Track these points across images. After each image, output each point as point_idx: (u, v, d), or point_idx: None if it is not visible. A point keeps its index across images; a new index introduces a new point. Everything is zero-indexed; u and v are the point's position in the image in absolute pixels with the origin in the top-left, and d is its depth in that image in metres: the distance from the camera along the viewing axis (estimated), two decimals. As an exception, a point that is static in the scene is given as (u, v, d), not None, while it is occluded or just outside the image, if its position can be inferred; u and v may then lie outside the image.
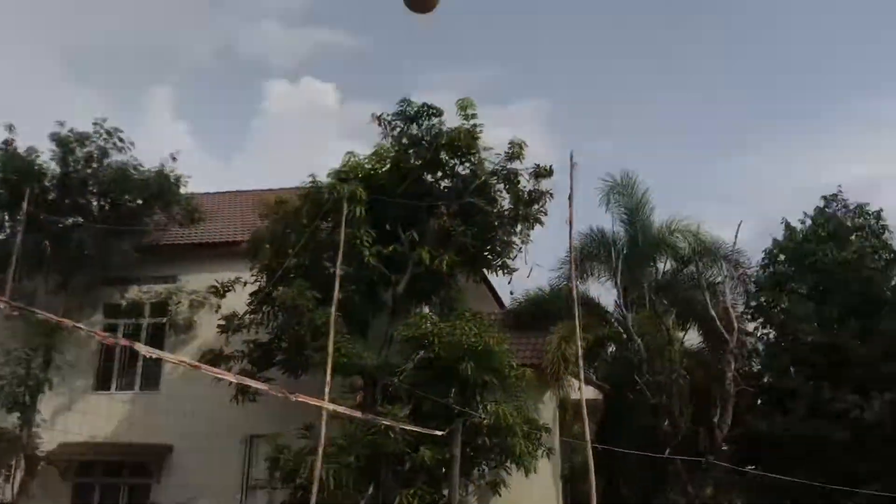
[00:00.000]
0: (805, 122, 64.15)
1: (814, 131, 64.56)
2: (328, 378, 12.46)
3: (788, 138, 66.07)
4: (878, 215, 18.58)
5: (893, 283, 17.51)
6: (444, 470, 13.55)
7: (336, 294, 13.22)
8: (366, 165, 15.33)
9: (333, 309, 13.09)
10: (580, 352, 14.67)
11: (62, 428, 16.64)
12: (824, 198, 18.79)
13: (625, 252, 19.53)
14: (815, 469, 15.42)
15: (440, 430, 13.29)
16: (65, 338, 15.96)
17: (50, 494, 16.46)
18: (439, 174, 15.92)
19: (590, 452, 13.94)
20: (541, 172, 16.14)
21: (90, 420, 16.69)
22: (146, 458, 16.91)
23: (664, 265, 20.63)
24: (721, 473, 13.44)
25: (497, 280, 19.34)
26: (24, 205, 15.96)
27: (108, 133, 17.70)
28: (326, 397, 12.43)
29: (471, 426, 13.70)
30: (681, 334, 18.30)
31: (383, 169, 15.48)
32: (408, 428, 13.00)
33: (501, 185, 16.25)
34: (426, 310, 15.93)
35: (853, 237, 18.08)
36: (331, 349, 12.74)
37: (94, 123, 17.64)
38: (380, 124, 15.67)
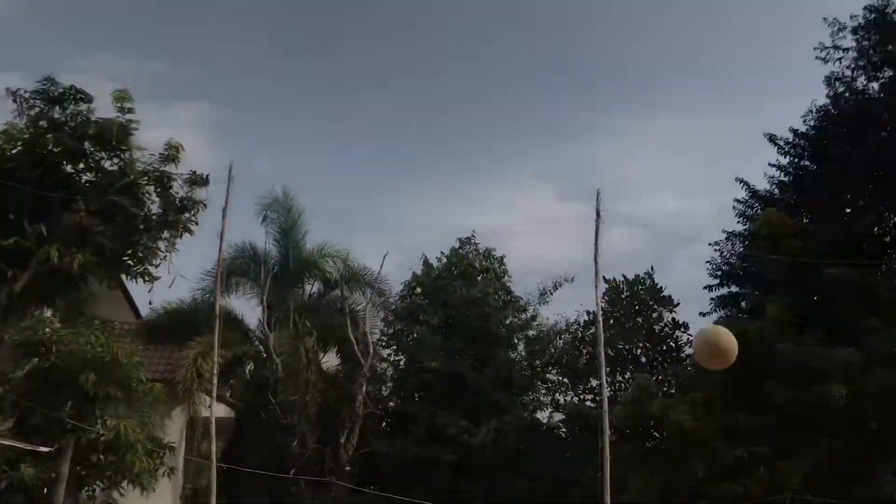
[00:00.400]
0: (455, 167, 70.02)
1: (459, 176, 70.70)
2: None
3: (441, 181, 71.47)
4: (501, 260, 20.87)
5: (507, 321, 19.73)
6: (45, 490, 12.29)
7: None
8: (-8, 144, 13.55)
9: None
10: (216, 368, 14.35)
11: None
12: (459, 239, 20.65)
13: (275, 271, 19.56)
14: (427, 488, 16.68)
15: (48, 445, 12.06)
16: None
17: None
18: (81, 166, 14.58)
19: (213, 472, 13.66)
20: (196, 180, 15.56)
21: None
22: None
23: (312, 287, 21.06)
24: (342, 493, 13.92)
25: (136, 288, 18.19)
26: None
27: None
28: None
29: (86, 442, 12.61)
30: (320, 356, 18.72)
31: (13, 150, 13.80)
32: (6, 443, 11.61)
33: (152, 188, 15.38)
34: (48, 313, 14.42)
35: (480, 278, 20.06)
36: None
37: None
38: (15, 101, 13.96)
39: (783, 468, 14.05)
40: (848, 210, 15.97)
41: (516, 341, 21.08)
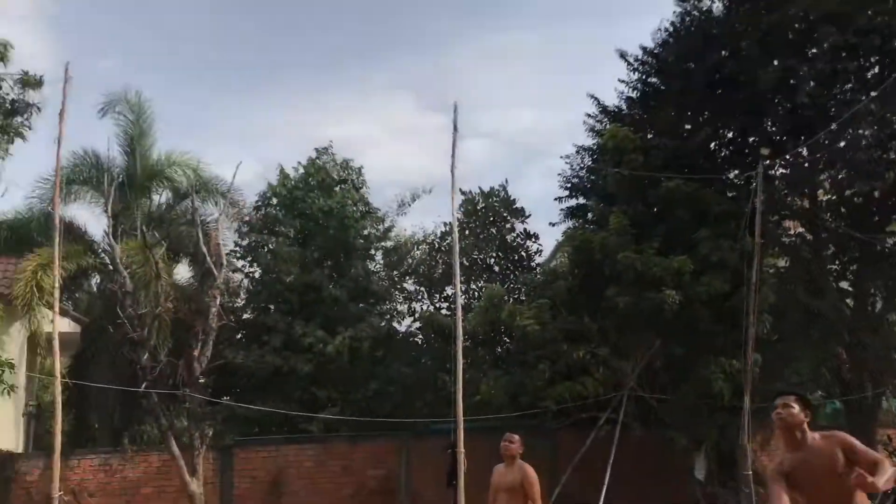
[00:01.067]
0: (313, 77, 68.09)
1: (318, 88, 68.92)
2: None
3: (298, 88, 69.46)
4: (359, 171, 20.74)
5: (365, 232, 19.79)
6: None
7: None
8: None
9: None
10: (58, 282, 13.67)
11: None
12: (317, 149, 20.30)
13: (120, 180, 18.63)
14: (282, 398, 16.86)
15: None
16: None
17: None
18: None
19: (58, 388, 13.17)
20: (29, 81, 14.52)
21: None
22: None
23: (160, 197, 20.26)
24: (196, 405, 13.83)
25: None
26: None
27: None
28: None
29: (-89, 362, 11.86)
30: (171, 268, 18.18)
31: None
32: None
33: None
34: None
35: (338, 189, 19.90)
36: None
37: None
38: None
39: (621, 368, 15.11)
40: (688, 126, 16.83)
41: (374, 252, 21.25)
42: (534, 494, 7.07)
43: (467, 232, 20.82)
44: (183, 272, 20.10)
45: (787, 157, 15.34)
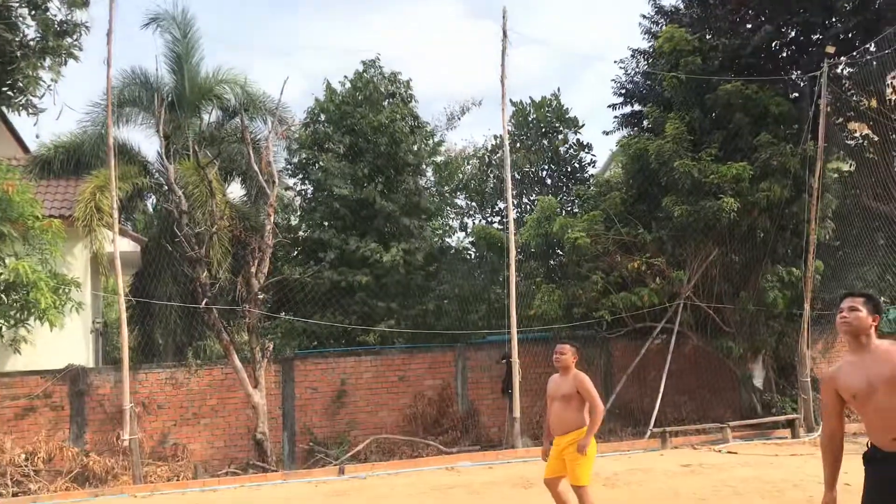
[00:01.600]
0: (356, -12, 66.75)
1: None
2: None
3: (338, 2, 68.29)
4: (407, 84, 20.39)
5: (414, 147, 19.61)
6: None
7: None
8: None
9: None
10: (116, 203, 13.95)
11: None
12: (363, 62, 19.97)
13: (170, 99, 18.67)
14: (339, 311, 17.14)
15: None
16: None
17: None
18: (-59, -14, 13.29)
19: (122, 305, 13.61)
20: (75, 1, 14.46)
21: None
22: None
23: (210, 116, 20.29)
24: (255, 319, 14.16)
25: (20, 121, 17.17)
26: None
27: None
28: None
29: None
30: (224, 187, 18.36)
31: None
32: None
33: (26, 11, 14.20)
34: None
35: (386, 103, 19.65)
36: None
37: None
38: None
39: (677, 277, 14.94)
40: (748, 25, 16.08)
41: (424, 167, 21.10)
42: (592, 398, 7.11)
43: (518, 144, 20.50)
44: (236, 190, 20.31)
45: (854, 54, 14.59)
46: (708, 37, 15.77)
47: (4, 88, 14.39)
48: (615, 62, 18.00)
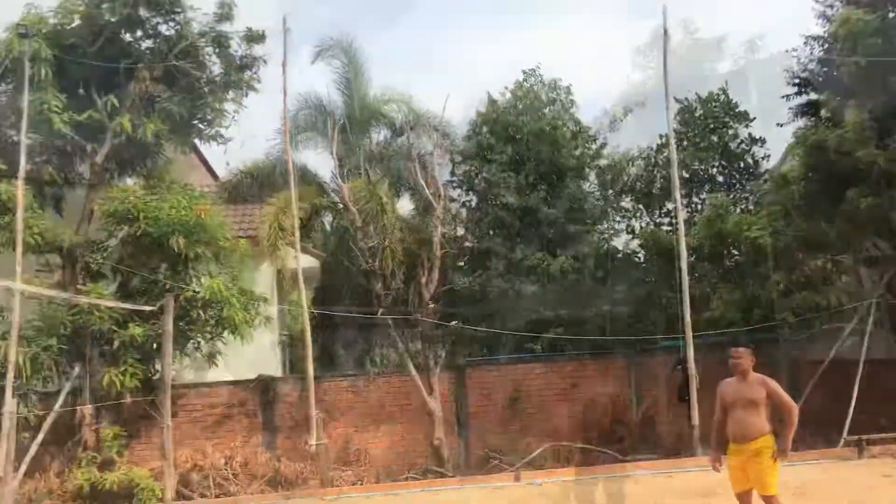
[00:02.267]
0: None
1: (518, 12, 68.03)
2: (18, 257, 11.54)
3: (496, 17, 69.02)
4: (568, 90, 20.37)
5: (577, 152, 19.49)
6: (155, 346, 13.31)
7: (23, 165, 12.06)
8: (51, 20, 13.70)
9: (20, 181, 11.94)
10: (297, 222, 14.84)
11: None
12: (524, 71, 20.13)
13: (341, 122, 19.64)
14: (508, 319, 17.29)
15: (150, 305, 12.96)
16: None
17: None
18: (139, 33, 14.67)
19: (306, 318, 14.43)
20: (253, 36, 15.52)
21: None
22: None
23: (378, 135, 21.15)
24: (427, 328, 14.58)
25: (210, 151, 18.67)
26: None
27: None
28: (18, 278, 11.55)
29: (184, 300, 13.47)
30: (394, 202, 19.04)
31: (72, 24, 13.93)
32: (113, 305, 12.51)
33: (210, 49, 15.41)
34: (130, 182, 15.02)
35: (546, 110, 19.69)
36: (20, 225, 11.73)
37: None
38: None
39: (867, 276, 13.93)
40: (937, -1, 14.76)
41: (587, 172, 20.92)
42: (785, 400, 6.84)
43: (685, 142, 19.86)
44: (405, 205, 20.99)
45: None
46: (890, 15, 14.62)
47: (195, 122, 15.64)
48: (787, 51, 17.04)
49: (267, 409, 15.27)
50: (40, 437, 12.74)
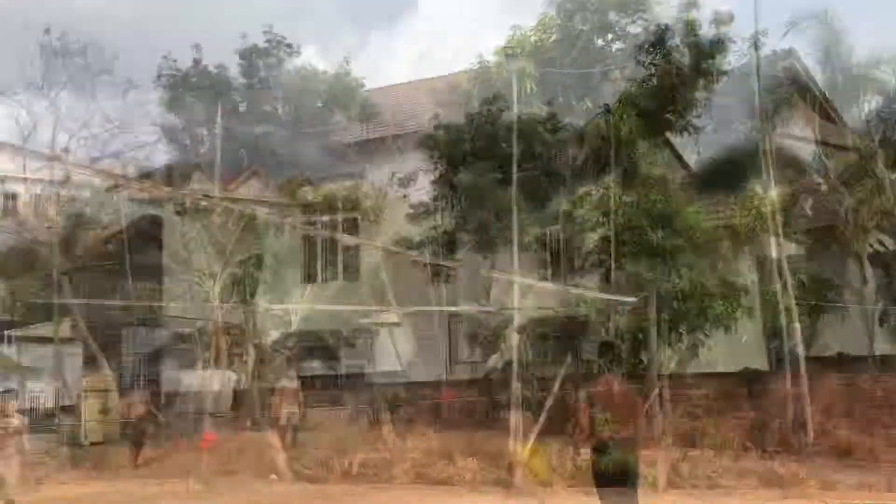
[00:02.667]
0: None
1: None
2: (515, 254, 12.87)
3: None
4: None
5: None
6: (641, 337, 13.72)
7: (514, 173, 13.40)
8: (532, 38, 15.03)
9: (514, 188, 13.29)
10: (776, 207, 14.02)
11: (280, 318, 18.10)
12: None
13: (821, 95, 17.97)
14: None
15: (633, 297, 13.39)
16: (271, 237, 17.26)
17: (278, 376, 18.18)
18: (609, 37, 15.30)
19: (791, 309, 13.53)
20: (721, 19, 15.12)
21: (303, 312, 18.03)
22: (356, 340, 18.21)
23: (870, 103, 18.84)
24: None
25: (680, 141, 18.59)
26: (219, 118, 17.07)
27: (278, 41, 18.40)
28: (516, 273, 12.86)
29: (665, 292, 13.63)
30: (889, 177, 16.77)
31: (550, 39, 15.09)
32: (602, 296, 13.21)
33: (678, 40, 15.39)
34: (606, 179, 15.72)
35: None
36: (515, 227, 13.05)
37: (265, 32, 18.36)
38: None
39: None
40: None
41: None
42: None
43: None
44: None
45: None
46: None
47: (666, 115, 15.71)
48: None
49: (753, 402, 14.65)
50: (542, 416, 13.93)
